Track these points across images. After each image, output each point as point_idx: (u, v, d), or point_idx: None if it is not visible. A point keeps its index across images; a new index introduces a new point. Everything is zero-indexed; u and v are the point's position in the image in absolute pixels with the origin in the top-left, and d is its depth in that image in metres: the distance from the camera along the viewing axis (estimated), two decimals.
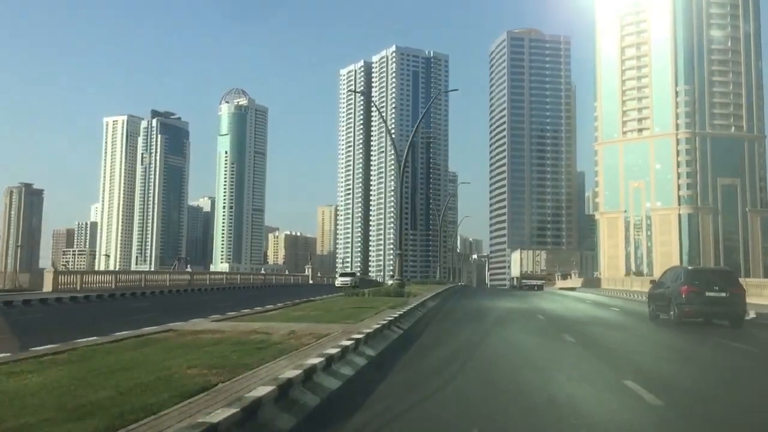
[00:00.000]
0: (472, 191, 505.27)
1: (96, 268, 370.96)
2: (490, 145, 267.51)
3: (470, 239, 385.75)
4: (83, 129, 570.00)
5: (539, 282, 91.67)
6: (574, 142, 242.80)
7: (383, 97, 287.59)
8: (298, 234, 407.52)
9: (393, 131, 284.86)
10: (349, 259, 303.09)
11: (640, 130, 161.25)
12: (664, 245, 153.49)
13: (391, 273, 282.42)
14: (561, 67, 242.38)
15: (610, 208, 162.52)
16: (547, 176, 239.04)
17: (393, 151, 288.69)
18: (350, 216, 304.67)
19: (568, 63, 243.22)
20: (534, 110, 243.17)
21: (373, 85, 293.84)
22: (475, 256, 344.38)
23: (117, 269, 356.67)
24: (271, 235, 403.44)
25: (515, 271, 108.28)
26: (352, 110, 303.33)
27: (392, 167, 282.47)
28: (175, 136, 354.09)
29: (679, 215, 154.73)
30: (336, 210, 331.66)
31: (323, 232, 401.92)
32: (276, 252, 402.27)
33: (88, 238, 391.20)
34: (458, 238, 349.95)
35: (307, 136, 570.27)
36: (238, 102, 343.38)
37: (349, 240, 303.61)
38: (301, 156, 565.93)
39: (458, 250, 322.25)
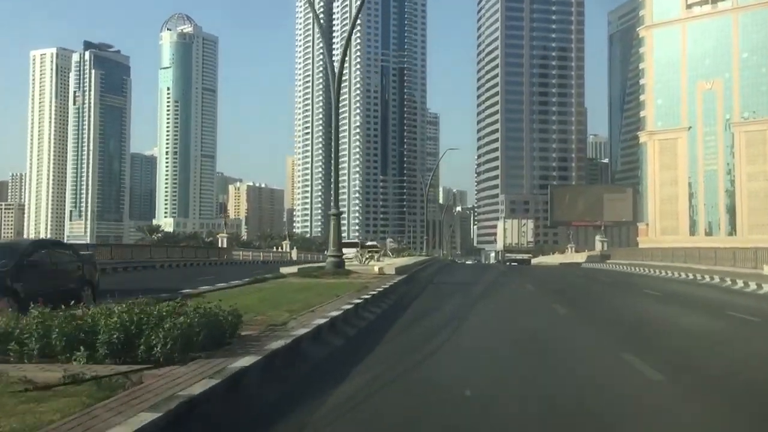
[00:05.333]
0: (457, 132, 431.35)
1: (26, 224, 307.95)
2: (479, 73, 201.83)
3: (454, 190, 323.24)
4: (12, 65, 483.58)
5: (525, 256, 75.48)
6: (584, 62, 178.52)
7: (346, 16, 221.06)
8: (263, 185, 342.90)
9: (358, 58, 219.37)
10: (308, 215, 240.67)
11: (714, 1, 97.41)
12: (754, 179, 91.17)
13: (357, 233, 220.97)
14: None
15: (666, 124, 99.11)
16: (552, 99, 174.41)
17: (359, 81, 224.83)
18: (309, 161, 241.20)
19: None
20: (536, 23, 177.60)
21: (334, 2, 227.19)
22: (459, 209, 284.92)
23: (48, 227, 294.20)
24: (231, 187, 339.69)
25: (500, 245, 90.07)
26: (311, 34, 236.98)
27: (357, 101, 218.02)
28: (112, 71, 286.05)
29: None
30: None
31: (293, 183, 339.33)
32: (237, 206, 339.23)
33: (24, 190, 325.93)
34: (440, 189, 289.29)
35: (270, 71, 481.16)
36: (182, 30, 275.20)
37: (308, 191, 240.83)
38: (265, 96, 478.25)
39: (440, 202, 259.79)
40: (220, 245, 58.73)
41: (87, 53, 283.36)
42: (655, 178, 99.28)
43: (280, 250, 63.73)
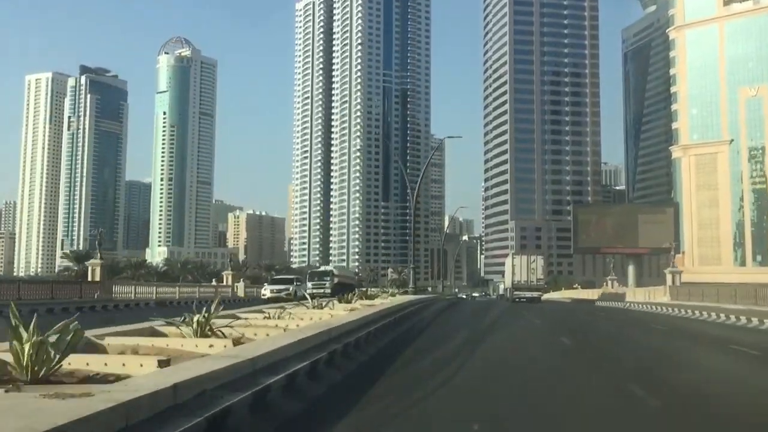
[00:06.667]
0: (463, 158, 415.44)
1: (17, 254, 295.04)
2: (485, 91, 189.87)
3: (460, 218, 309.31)
4: (6, 90, 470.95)
5: (536, 294, 67.62)
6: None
7: (347, 34, 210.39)
8: (263, 213, 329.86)
9: (359, 78, 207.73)
10: (306, 244, 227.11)
11: None
12: None
13: (357, 262, 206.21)
14: None
15: (703, 136, 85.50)
16: (566, 118, 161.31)
17: (359, 103, 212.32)
18: (307, 189, 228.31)
19: None
20: (547, 38, 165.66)
21: (334, 19, 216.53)
22: (465, 238, 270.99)
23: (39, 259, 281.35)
24: (231, 215, 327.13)
25: (508, 281, 76.31)
26: (310, 54, 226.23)
27: (358, 124, 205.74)
28: (109, 96, 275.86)
29: None
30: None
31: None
32: (236, 234, 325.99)
33: (15, 219, 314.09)
34: (446, 217, 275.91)
35: (271, 96, 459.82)
36: (180, 53, 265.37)
37: (306, 219, 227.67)
38: (268, 122, 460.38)
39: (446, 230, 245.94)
40: (90, 278, 37.52)
41: (83, 78, 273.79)
42: (691, 200, 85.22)
43: (223, 283, 49.57)
